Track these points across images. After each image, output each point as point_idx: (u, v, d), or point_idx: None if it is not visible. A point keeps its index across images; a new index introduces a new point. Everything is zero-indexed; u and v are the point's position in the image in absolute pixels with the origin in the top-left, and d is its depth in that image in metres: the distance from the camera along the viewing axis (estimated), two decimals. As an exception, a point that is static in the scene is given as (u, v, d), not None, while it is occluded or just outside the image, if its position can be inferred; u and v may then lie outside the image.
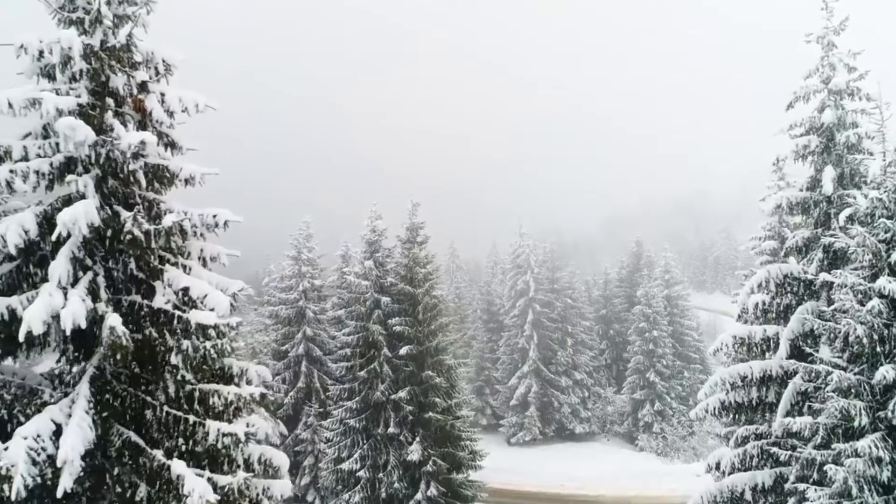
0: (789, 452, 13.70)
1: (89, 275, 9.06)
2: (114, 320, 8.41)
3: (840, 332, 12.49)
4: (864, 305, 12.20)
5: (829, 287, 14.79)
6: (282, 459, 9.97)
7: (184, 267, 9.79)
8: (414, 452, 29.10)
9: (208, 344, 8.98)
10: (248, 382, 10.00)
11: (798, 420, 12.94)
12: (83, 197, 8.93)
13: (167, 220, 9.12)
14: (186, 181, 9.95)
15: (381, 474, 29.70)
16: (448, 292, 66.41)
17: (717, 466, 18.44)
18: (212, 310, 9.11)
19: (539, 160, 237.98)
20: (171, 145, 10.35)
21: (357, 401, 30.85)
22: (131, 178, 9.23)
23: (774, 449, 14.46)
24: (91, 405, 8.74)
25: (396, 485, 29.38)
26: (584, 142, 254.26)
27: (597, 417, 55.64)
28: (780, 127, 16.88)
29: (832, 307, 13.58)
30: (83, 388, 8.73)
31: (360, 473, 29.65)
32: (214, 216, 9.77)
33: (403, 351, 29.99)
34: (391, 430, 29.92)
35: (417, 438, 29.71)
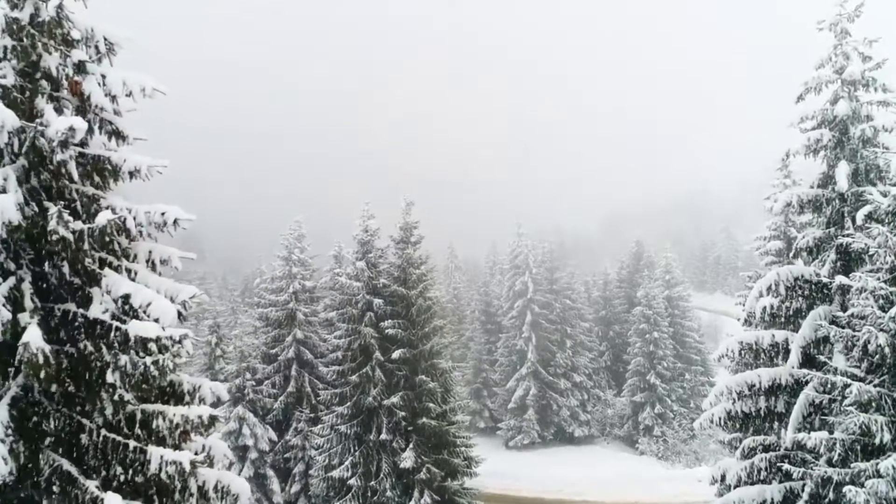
0: (802, 469, 12.69)
1: (11, 281, 8.02)
2: (30, 335, 7.38)
3: (859, 341, 11.51)
4: (885, 311, 11.22)
5: (844, 291, 13.81)
6: (241, 486, 8.95)
7: (128, 271, 8.74)
8: (407, 459, 28.19)
9: (149, 360, 7.94)
10: (202, 401, 8.98)
11: (813, 435, 11.94)
12: (4, 191, 7.93)
13: (101, 218, 8.02)
14: (131, 174, 8.89)
15: (373, 482, 28.77)
16: (446, 293, 65.54)
17: (723, 479, 17.52)
18: (156, 320, 8.10)
19: (539, 159, 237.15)
20: (116, 134, 9.21)
21: (348, 406, 29.92)
22: (62, 171, 8.19)
23: (786, 466, 13.44)
24: (11, 430, 7.72)
25: (389, 493, 28.47)
26: (584, 140, 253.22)
27: (596, 420, 54.70)
28: (790, 120, 15.89)
29: (848, 312, 12.58)
30: (1, 412, 7.72)
31: (352, 481, 28.72)
32: (163, 214, 8.70)
33: (396, 355, 29.06)
34: (384, 436, 28.99)
35: (411, 445, 28.79)
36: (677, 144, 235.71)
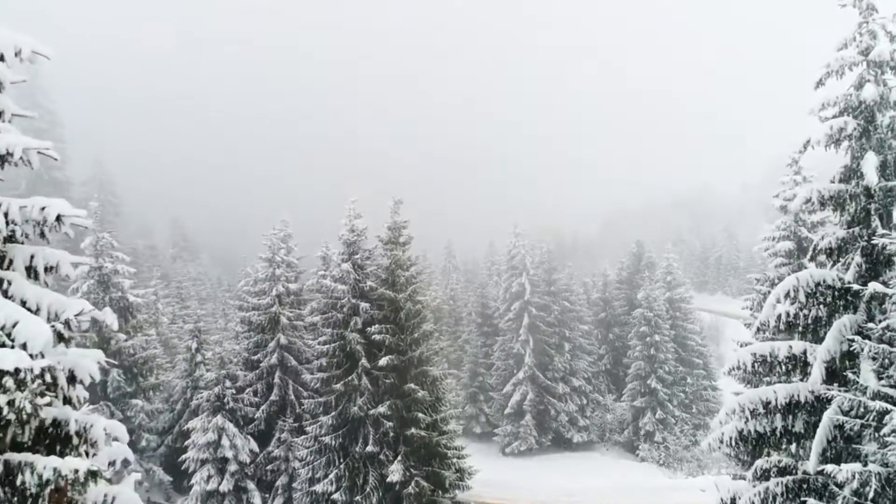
0: (830, 505, 11.10)
1: None
2: None
3: (898, 358, 9.93)
4: (930, 325, 9.64)
5: (874, 299, 12.21)
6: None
7: None
8: (395, 472, 26.74)
9: (2, 399, 6.31)
10: (93, 444, 7.35)
11: (844, 468, 10.35)
12: None
13: (-59, 215, 6.44)
14: (2, 158, 7.31)
15: (358, 497, 27.27)
16: (442, 294, 64.03)
17: (733, 503, 15.91)
18: (24, 345, 6.48)
19: (539, 158, 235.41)
20: (-14, 110, 7.64)
21: (333, 416, 28.44)
22: None
23: (811, 501, 11.84)
24: None
25: (375, 508, 26.96)
26: (584, 140, 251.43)
27: (595, 426, 53.10)
28: (810, 107, 14.28)
29: (883, 324, 11.00)
30: None
31: (336, 496, 27.23)
32: (43, 209, 7.07)
33: (384, 361, 27.58)
34: (370, 448, 27.47)
35: (399, 457, 27.32)
36: (678, 144, 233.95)
